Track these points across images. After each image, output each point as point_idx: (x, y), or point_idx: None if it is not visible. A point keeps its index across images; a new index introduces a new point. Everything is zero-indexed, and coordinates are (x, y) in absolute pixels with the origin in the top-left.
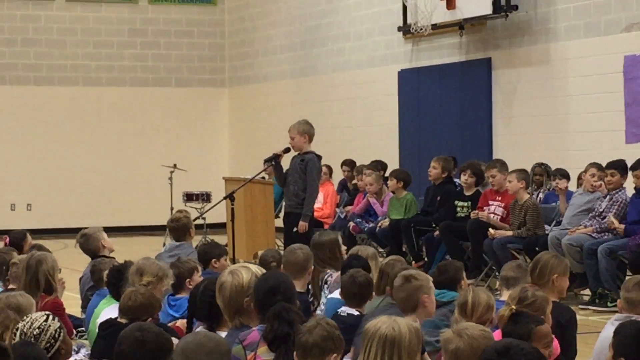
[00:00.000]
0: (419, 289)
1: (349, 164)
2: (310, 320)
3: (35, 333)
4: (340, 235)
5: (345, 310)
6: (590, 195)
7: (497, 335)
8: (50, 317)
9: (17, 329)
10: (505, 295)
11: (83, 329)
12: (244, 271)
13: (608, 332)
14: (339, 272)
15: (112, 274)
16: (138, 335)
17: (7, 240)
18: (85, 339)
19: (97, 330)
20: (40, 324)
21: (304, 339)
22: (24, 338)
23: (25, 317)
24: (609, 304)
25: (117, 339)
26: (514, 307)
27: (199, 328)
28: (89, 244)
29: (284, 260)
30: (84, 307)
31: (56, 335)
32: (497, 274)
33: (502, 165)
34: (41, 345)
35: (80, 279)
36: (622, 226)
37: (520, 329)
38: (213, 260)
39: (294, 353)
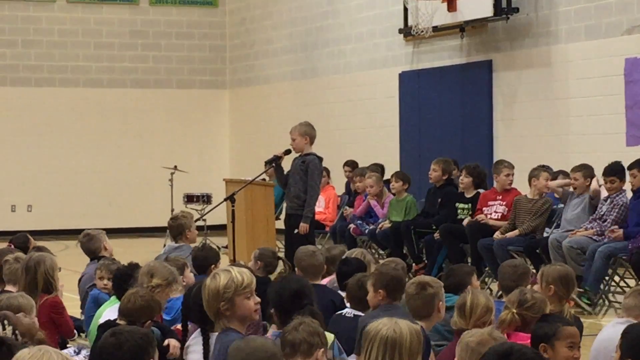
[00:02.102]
0: (435, 296)
1: (350, 164)
2: (293, 320)
3: None
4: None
5: (351, 312)
6: (581, 196)
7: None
8: None
9: None
10: (505, 298)
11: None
12: (223, 275)
13: (606, 333)
14: (333, 276)
15: (117, 276)
16: (113, 340)
17: (12, 246)
18: (86, 340)
19: (97, 331)
20: None
21: (290, 337)
22: None
23: None
24: (584, 299)
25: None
26: (514, 310)
27: (197, 332)
28: (91, 244)
29: (305, 263)
30: (83, 307)
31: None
32: (491, 273)
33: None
34: None
35: (80, 280)
36: (620, 231)
37: (546, 326)
38: (212, 266)
39: None
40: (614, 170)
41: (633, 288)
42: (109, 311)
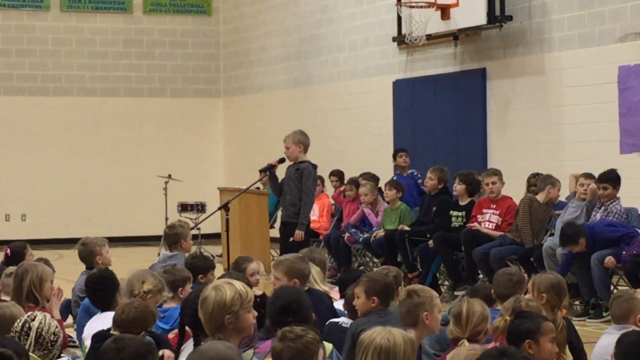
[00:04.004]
0: (419, 306)
1: (336, 174)
2: (275, 342)
3: (52, 339)
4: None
5: (348, 321)
6: (582, 202)
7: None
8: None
9: (28, 328)
10: (500, 306)
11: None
12: (228, 288)
13: (604, 342)
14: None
15: (89, 283)
16: (113, 346)
17: (9, 251)
18: (76, 347)
19: (87, 341)
20: (55, 330)
21: None
22: (41, 342)
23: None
24: (604, 313)
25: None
26: (508, 317)
27: (190, 340)
28: (84, 253)
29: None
30: (70, 314)
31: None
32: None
33: (500, 174)
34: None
35: (73, 290)
36: (612, 260)
37: (529, 322)
38: (200, 275)
39: None
40: (607, 178)
41: (613, 297)
42: (94, 320)
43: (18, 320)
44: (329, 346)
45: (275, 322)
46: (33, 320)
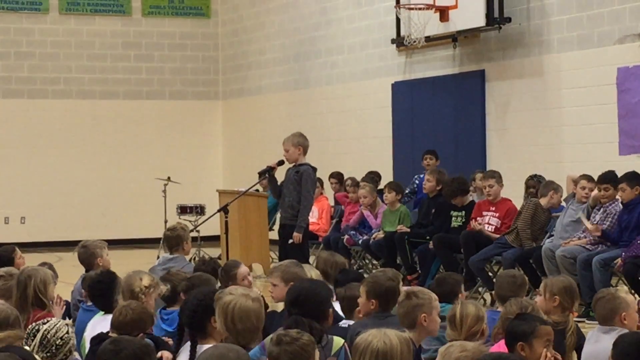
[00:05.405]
0: (418, 307)
1: (336, 176)
2: (271, 346)
3: (57, 343)
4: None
5: (346, 322)
6: (582, 205)
7: (495, 349)
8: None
9: (37, 330)
10: (501, 307)
11: None
12: (255, 291)
13: (592, 348)
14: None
15: (92, 285)
16: (111, 347)
17: None
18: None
19: (87, 344)
20: (64, 335)
21: None
22: (45, 344)
23: (49, 320)
24: None
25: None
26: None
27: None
28: (85, 256)
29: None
30: (69, 316)
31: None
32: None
33: (499, 176)
34: (57, 358)
35: (72, 293)
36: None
37: (524, 324)
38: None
39: None
40: (608, 178)
41: (595, 297)
42: (93, 323)
43: (33, 324)
44: (338, 342)
45: (288, 314)
46: (44, 323)
